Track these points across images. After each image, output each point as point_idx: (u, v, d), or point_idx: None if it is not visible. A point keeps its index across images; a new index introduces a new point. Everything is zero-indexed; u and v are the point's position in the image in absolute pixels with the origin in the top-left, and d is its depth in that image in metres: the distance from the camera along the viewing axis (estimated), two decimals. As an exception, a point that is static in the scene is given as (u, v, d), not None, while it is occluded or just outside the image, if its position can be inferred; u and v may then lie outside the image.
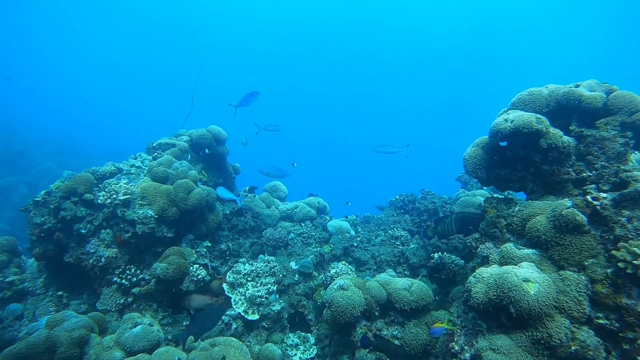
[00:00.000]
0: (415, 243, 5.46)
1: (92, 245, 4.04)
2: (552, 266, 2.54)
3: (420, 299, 3.51)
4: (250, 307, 4.19)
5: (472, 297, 2.61)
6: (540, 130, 2.73)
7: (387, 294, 3.64)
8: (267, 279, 4.44)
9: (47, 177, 12.88)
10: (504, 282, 2.42)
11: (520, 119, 2.77)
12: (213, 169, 5.55)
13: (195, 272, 4.17)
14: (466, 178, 6.90)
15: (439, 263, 4.31)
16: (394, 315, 3.64)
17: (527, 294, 2.30)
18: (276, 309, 4.24)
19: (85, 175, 4.23)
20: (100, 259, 3.95)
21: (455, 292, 3.77)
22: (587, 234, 2.42)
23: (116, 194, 4.03)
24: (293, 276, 4.67)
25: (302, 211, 5.95)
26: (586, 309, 2.26)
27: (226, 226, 5.23)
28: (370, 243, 5.55)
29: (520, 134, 2.79)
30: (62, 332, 2.90)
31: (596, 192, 2.50)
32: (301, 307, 4.52)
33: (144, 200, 4.08)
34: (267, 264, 4.60)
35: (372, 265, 5.16)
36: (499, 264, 2.72)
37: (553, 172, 2.78)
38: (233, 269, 4.52)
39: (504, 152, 3.14)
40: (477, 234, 3.18)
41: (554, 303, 2.30)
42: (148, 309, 3.81)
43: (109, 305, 3.84)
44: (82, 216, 4.12)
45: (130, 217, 3.99)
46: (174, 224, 4.24)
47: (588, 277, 2.32)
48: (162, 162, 4.46)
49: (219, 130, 5.39)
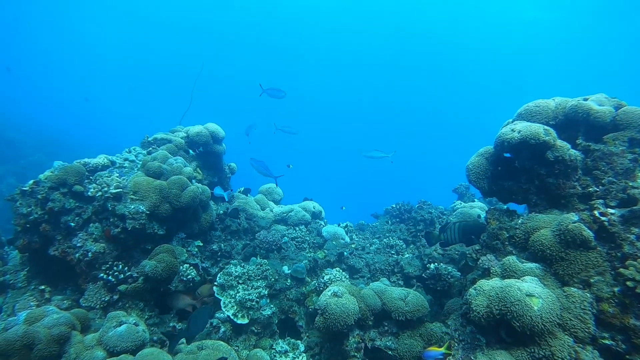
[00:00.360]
0: (410, 252, 5.38)
1: (79, 239, 3.90)
2: (555, 281, 2.47)
3: (416, 310, 3.42)
4: (240, 311, 4.06)
5: (472, 310, 2.53)
6: (547, 142, 2.67)
7: (382, 303, 3.55)
8: (259, 283, 4.32)
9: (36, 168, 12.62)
10: (507, 296, 2.35)
11: (527, 130, 2.72)
12: (208, 168, 5.43)
13: (185, 272, 4.04)
14: (463, 190, 6.86)
15: (434, 274, 4.23)
16: (388, 325, 3.54)
17: (531, 309, 2.23)
18: (267, 313, 4.12)
19: (77, 166, 4.10)
20: (87, 253, 3.80)
21: (451, 304, 3.69)
22: (593, 250, 2.36)
23: (107, 187, 3.90)
24: (285, 281, 4.56)
25: (297, 215, 5.85)
26: (591, 327, 2.19)
27: (219, 226, 5.11)
28: (364, 251, 5.46)
29: (527, 145, 2.73)
30: (42, 329, 2.75)
31: (604, 207, 2.44)
32: (292, 313, 4.40)
33: (136, 195, 3.96)
34: (259, 267, 4.48)
35: (366, 273, 5.07)
36: (501, 277, 2.65)
37: (558, 185, 2.73)
38: (224, 271, 4.40)
39: (508, 163, 3.08)
40: (477, 246, 3.11)
41: (557, 320, 2.22)
42: (134, 307, 3.67)
43: (93, 302, 3.69)
44: (70, 208, 3.97)
45: (120, 212, 3.86)
46: (165, 221, 4.11)
47: (594, 295, 2.25)
48: (157, 157, 4.34)
49: (217, 128, 5.29)
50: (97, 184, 3.97)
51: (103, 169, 4.37)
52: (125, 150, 4.82)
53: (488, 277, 2.73)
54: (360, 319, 3.47)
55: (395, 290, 3.61)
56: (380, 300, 3.56)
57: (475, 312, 2.50)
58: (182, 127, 5.59)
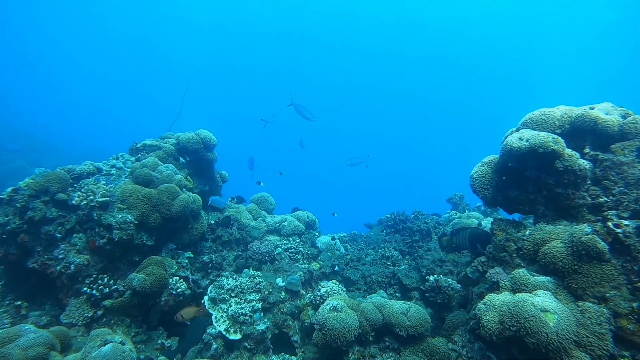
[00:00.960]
0: (407, 264, 5.26)
1: (61, 251, 3.66)
2: (568, 296, 2.37)
3: (419, 325, 3.28)
4: (232, 326, 3.86)
5: (482, 326, 2.41)
6: (556, 151, 2.60)
7: (383, 318, 3.40)
8: (252, 296, 4.13)
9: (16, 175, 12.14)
10: (520, 312, 2.24)
11: (536, 138, 2.65)
12: (199, 176, 5.24)
13: (175, 285, 3.83)
14: (457, 200, 6.81)
15: (434, 286, 4.11)
16: (389, 340, 3.39)
17: (546, 326, 2.12)
18: (260, 328, 3.93)
19: (60, 173, 3.88)
20: (70, 265, 3.56)
21: (453, 317, 3.56)
22: (607, 262, 2.28)
23: (93, 195, 3.68)
24: (279, 293, 4.37)
25: (290, 225, 5.68)
26: (609, 345, 2.09)
27: (210, 237, 4.91)
28: (360, 262, 5.32)
29: (535, 153, 2.66)
30: (16, 350, 2.51)
31: (617, 219, 2.37)
32: (286, 327, 4.21)
33: (124, 203, 3.75)
34: (252, 279, 4.29)
35: (362, 285, 4.92)
36: (511, 291, 2.54)
37: (567, 196, 2.65)
38: (215, 283, 4.20)
39: (514, 173, 3.00)
40: (483, 257, 3.00)
41: (574, 337, 2.12)
42: (120, 324, 3.44)
43: (75, 318, 3.44)
44: (52, 218, 3.74)
45: (107, 222, 3.64)
46: (154, 232, 3.90)
47: (610, 311, 2.16)
48: (146, 164, 4.14)
49: (209, 135, 5.12)
50: (82, 192, 3.75)
51: (88, 176, 4.15)
52: (113, 157, 4.60)
53: (497, 290, 2.62)
54: (360, 334, 3.32)
55: (397, 304, 3.48)
56: (381, 315, 3.41)
57: (485, 328, 2.38)
58: (172, 133, 5.40)
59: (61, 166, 4.13)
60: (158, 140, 5.10)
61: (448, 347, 2.86)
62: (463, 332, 2.79)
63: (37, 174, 3.92)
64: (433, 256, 4.69)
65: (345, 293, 4.38)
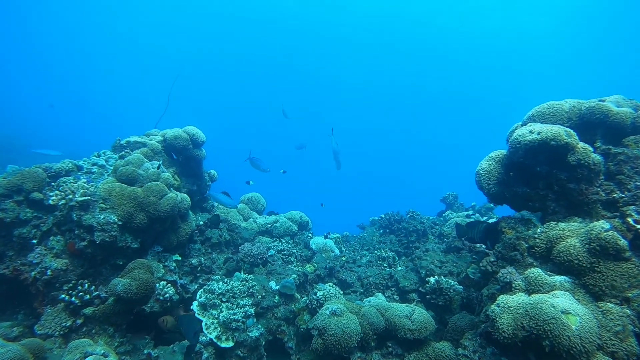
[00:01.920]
0: (403, 265, 5.12)
1: (36, 255, 3.36)
2: (587, 296, 2.25)
3: (423, 328, 3.13)
4: (224, 333, 3.63)
5: (496, 329, 2.26)
6: (569, 144, 2.49)
7: (385, 322, 3.24)
8: (245, 300, 3.91)
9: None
10: (539, 314, 2.10)
11: (547, 131, 2.53)
12: (187, 175, 4.98)
13: (162, 290, 3.58)
14: (451, 199, 6.72)
15: (435, 288, 3.97)
16: (392, 346, 3.23)
17: (568, 329, 1.98)
18: (254, 335, 3.70)
19: (36, 170, 3.58)
20: (46, 271, 3.27)
21: (456, 320, 3.42)
22: (627, 260, 2.17)
23: (72, 194, 3.40)
24: (273, 298, 4.16)
25: (283, 226, 5.48)
26: (634, 347, 1.97)
27: (199, 239, 4.66)
28: (355, 264, 5.15)
29: (547, 147, 2.54)
30: (-16, 366, 2.24)
31: (637, 214, 2.26)
32: (280, 333, 3.99)
33: (107, 203, 3.48)
34: (244, 282, 4.07)
35: (358, 287, 4.75)
36: (525, 292, 2.41)
37: (581, 191, 2.54)
38: (205, 288, 3.96)
39: (522, 168, 2.88)
40: (491, 257, 2.87)
41: (598, 340, 1.99)
42: (102, 333, 3.16)
43: (51, 328, 3.15)
44: (26, 219, 3.44)
45: (88, 223, 3.36)
46: (140, 233, 3.64)
47: (634, 311, 2.04)
48: (131, 161, 3.88)
49: (197, 131, 4.87)
50: (60, 190, 3.46)
51: (67, 174, 3.86)
52: (94, 154, 4.31)
53: (510, 292, 2.49)
54: (362, 339, 3.15)
55: (399, 307, 3.32)
56: (384, 318, 3.25)
57: (500, 331, 2.24)
58: (157, 130, 5.13)
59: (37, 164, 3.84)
60: (143, 137, 4.82)
61: (457, 352, 2.70)
62: (473, 336, 2.64)
63: (9, 171, 3.61)
64: (432, 257, 4.55)
65: (342, 296, 4.20)
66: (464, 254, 4.48)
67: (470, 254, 4.33)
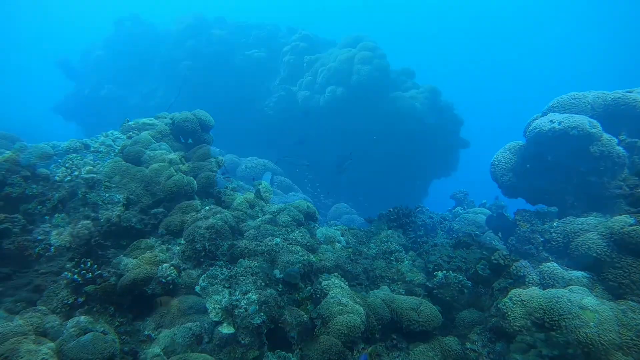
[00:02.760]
0: (410, 259, 5.02)
1: (41, 231, 3.34)
2: (605, 293, 2.14)
3: (430, 321, 3.04)
4: (225, 319, 3.58)
5: (509, 323, 2.17)
6: (593, 135, 2.37)
7: (391, 313, 3.16)
8: (248, 287, 3.85)
9: None
10: (554, 308, 2.00)
11: (570, 120, 2.41)
12: (194, 158, 4.93)
13: (165, 273, 3.53)
14: (461, 196, 6.60)
15: (443, 282, 3.88)
16: (397, 338, 3.15)
17: (586, 325, 1.88)
18: (256, 322, 3.64)
19: (43, 146, 3.56)
20: (50, 247, 3.25)
21: (464, 316, 3.33)
22: (652, 257, 2.05)
23: (78, 171, 3.37)
24: (276, 286, 4.09)
25: (289, 214, 5.40)
26: (657, 347, 1.86)
27: (203, 223, 4.60)
28: (362, 256, 5.06)
29: (568, 137, 2.42)
30: (-17, 338, 2.21)
31: (664, 208, 2.14)
32: (282, 322, 3.93)
33: (112, 181, 3.44)
34: (247, 270, 4.01)
35: (364, 280, 4.66)
36: (540, 286, 2.31)
37: (602, 185, 2.42)
38: (208, 273, 3.91)
39: (538, 160, 2.76)
40: (504, 251, 2.77)
41: (617, 339, 1.89)
42: (103, 312, 3.13)
43: (53, 305, 3.13)
44: (32, 195, 3.42)
45: (93, 201, 3.33)
46: (144, 214, 3.60)
47: (658, 309, 1.93)
48: (139, 141, 3.84)
49: (206, 114, 4.82)
50: (67, 167, 3.44)
51: (74, 152, 3.83)
52: (102, 134, 4.28)
53: (523, 286, 2.39)
54: (367, 330, 3.08)
55: (406, 300, 3.24)
56: (389, 309, 3.17)
57: (512, 325, 2.15)
58: (167, 113, 5.09)
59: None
60: (152, 119, 4.78)
61: (465, 347, 2.62)
62: (482, 330, 2.55)
63: (16, 147, 3.59)
64: (440, 252, 4.45)
65: (347, 287, 4.12)
66: (474, 250, 4.36)
67: (480, 249, 4.22)
